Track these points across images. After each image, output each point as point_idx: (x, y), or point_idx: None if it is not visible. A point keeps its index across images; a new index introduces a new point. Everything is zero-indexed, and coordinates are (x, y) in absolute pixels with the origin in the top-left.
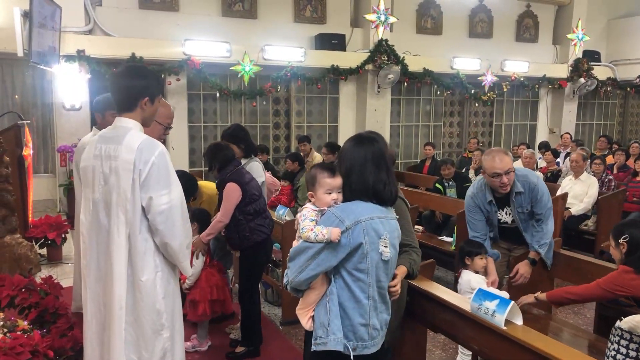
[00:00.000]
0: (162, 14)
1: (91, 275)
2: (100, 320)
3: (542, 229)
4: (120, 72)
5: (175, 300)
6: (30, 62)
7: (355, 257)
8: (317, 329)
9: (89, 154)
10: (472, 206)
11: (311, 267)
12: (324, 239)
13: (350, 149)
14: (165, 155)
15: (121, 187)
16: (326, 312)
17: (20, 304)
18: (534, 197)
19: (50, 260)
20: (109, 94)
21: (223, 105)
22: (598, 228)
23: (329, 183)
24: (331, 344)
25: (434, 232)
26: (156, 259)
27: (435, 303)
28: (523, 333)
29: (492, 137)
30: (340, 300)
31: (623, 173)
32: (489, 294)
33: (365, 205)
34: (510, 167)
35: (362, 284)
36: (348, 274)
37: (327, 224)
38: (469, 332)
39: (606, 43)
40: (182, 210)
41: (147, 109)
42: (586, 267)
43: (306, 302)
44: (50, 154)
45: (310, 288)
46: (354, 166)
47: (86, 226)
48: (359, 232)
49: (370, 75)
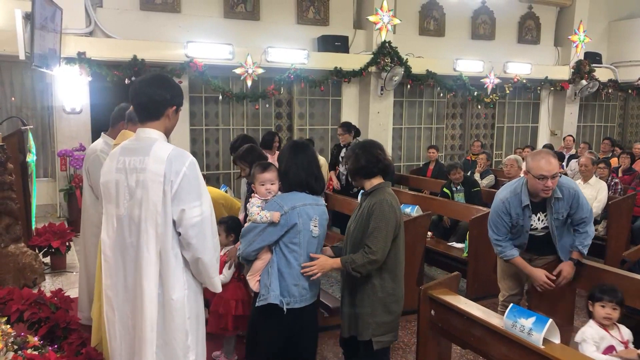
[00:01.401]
0: (164, 15)
1: (119, 296)
2: (129, 342)
3: (587, 230)
4: (147, 80)
5: (200, 321)
6: (32, 65)
7: (291, 234)
8: (261, 289)
9: (110, 167)
10: (502, 210)
11: (257, 242)
12: (267, 220)
13: (288, 153)
14: (196, 166)
15: (150, 201)
16: (268, 276)
17: (29, 318)
18: (575, 203)
19: (54, 269)
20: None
21: (225, 108)
22: (608, 233)
23: (261, 177)
24: (271, 298)
25: (442, 237)
26: (185, 276)
27: (462, 318)
28: (562, 352)
29: (494, 139)
30: (278, 266)
31: (628, 176)
32: (524, 311)
33: (300, 195)
34: (557, 171)
35: (296, 254)
36: (285, 247)
37: (270, 209)
38: (502, 349)
39: (607, 45)
40: (212, 222)
41: (172, 119)
42: (610, 278)
43: (254, 269)
44: (50, 158)
45: (257, 258)
46: (290, 166)
47: (109, 245)
48: (295, 215)
49: (373, 77)
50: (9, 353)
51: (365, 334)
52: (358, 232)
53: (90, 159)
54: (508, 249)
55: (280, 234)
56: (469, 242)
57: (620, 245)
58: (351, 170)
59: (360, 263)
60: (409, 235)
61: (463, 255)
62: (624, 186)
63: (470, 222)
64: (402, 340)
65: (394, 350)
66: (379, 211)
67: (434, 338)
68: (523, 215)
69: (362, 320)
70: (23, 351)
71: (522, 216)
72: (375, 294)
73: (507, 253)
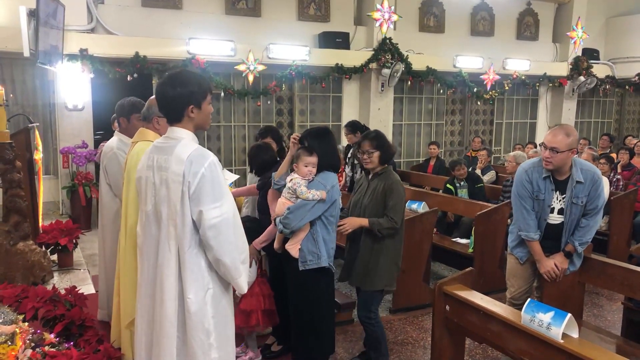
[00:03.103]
0: (166, 12)
1: (142, 289)
2: (149, 336)
3: (588, 223)
4: (163, 83)
5: (228, 320)
6: (37, 63)
7: (331, 208)
8: (306, 255)
9: (143, 164)
10: (524, 179)
11: (308, 217)
12: (318, 198)
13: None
14: (216, 167)
15: (171, 200)
16: (314, 243)
17: (45, 316)
18: (594, 189)
19: (61, 267)
20: (133, 97)
21: (226, 104)
22: (610, 228)
23: (307, 159)
24: (322, 262)
25: (446, 233)
26: (208, 276)
27: (478, 313)
28: (580, 346)
29: (493, 136)
30: (322, 235)
31: (628, 172)
32: (542, 306)
33: (332, 175)
34: (556, 146)
35: (333, 225)
36: (326, 219)
37: (317, 188)
38: (520, 344)
39: (605, 41)
40: (234, 224)
41: (196, 116)
42: (617, 272)
43: (297, 239)
44: (52, 155)
45: (301, 229)
46: (325, 149)
47: (141, 239)
48: (334, 192)
49: (374, 74)
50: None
51: (379, 285)
52: (374, 205)
53: (108, 156)
54: (532, 230)
55: (325, 209)
56: (475, 238)
57: (623, 240)
58: (382, 160)
59: (386, 226)
60: (416, 232)
61: (469, 251)
62: (625, 182)
63: (476, 218)
64: (411, 335)
65: (404, 345)
66: (396, 191)
67: (448, 333)
68: (545, 189)
69: (378, 272)
70: (41, 348)
71: (544, 189)
72: (388, 253)
73: (530, 234)
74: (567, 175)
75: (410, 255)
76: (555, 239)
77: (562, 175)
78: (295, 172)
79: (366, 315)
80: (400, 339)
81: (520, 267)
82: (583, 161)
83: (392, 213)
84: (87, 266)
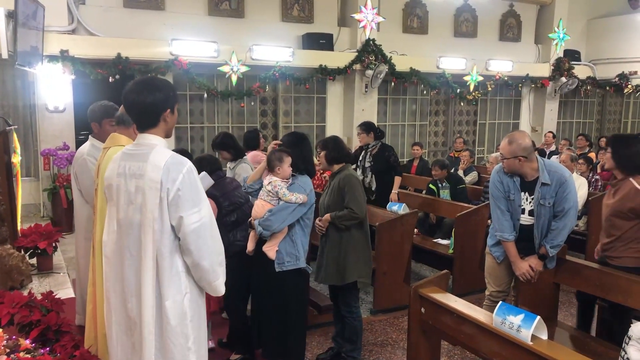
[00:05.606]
0: (148, 12)
1: (117, 298)
2: (125, 345)
3: (558, 225)
4: (134, 90)
5: (202, 323)
6: (16, 64)
7: (309, 211)
8: (284, 257)
9: (112, 171)
10: (496, 179)
11: (289, 219)
12: (300, 201)
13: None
14: (193, 172)
15: (148, 207)
16: (293, 245)
17: (20, 321)
18: (562, 191)
19: (40, 271)
20: (105, 101)
21: (210, 105)
22: (589, 229)
23: (289, 160)
24: (301, 263)
25: (427, 234)
26: (186, 280)
27: (452, 315)
28: (549, 348)
29: (476, 136)
30: (300, 237)
31: (607, 172)
32: (513, 308)
33: (308, 179)
34: (502, 152)
35: (308, 227)
36: (303, 221)
37: (298, 192)
38: (492, 346)
39: (586, 42)
40: (211, 227)
41: (170, 120)
42: (592, 274)
43: (275, 241)
44: (33, 157)
45: (280, 231)
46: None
47: (110, 247)
48: (312, 195)
49: (358, 75)
50: (2, 357)
51: (351, 277)
52: (334, 202)
53: (78, 162)
54: (507, 230)
55: (304, 212)
56: (455, 239)
57: None
58: (328, 159)
59: (346, 218)
60: (396, 233)
61: (449, 252)
62: (603, 182)
63: (456, 219)
64: (391, 336)
65: (383, 346)
66: (350, 183)
67: (424, 335)
68: (514, 189)
69: (348, 267)
70: (16, 354)
71: (513, 189)
72: (356, 246)
73: (505, 235)
74: (535, 177)
75: (391, 256)
76: (528, 240)
77: (529, 177)
78: (275, 175)
79: (348, 310)
80: (380, 340)
81: (497, 266)
82: (553, 163)
83: (351, 204)
84: (67, 270)
